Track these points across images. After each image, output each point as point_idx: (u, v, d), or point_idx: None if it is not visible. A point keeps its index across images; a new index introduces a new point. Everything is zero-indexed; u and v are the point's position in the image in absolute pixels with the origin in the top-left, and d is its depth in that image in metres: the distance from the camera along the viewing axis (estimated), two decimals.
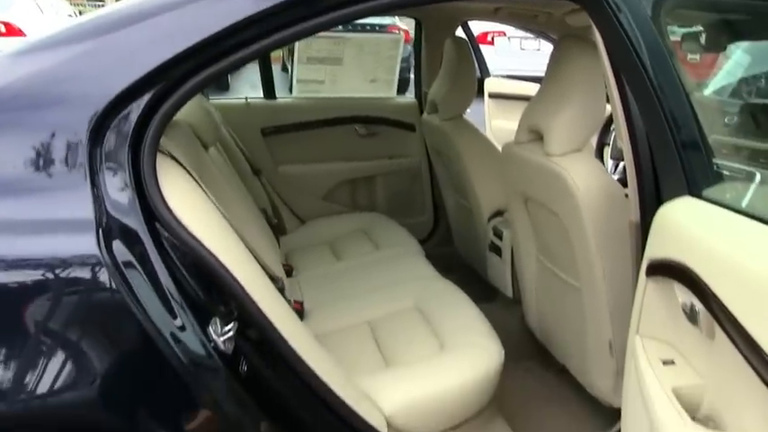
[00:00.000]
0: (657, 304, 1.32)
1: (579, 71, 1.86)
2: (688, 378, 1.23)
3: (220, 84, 7.78)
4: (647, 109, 1.38)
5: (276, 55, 8.12)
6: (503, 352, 1.90)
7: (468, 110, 2.98)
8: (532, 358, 2.44)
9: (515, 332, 2.54)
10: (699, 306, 1.13)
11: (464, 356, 1.86)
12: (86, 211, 1.19)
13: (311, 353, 1.47)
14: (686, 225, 1.23)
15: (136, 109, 1.24)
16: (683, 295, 1.19)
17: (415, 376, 1.80)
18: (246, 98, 3.53)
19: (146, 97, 1.24)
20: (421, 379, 1.79)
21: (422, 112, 3.42)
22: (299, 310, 2.24)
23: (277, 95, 3.54)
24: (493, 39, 9.95)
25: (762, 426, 1.02)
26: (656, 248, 1.30)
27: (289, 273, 2.65)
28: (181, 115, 1.80)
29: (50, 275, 1.18)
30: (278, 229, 3.13)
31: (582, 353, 2.03)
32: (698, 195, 1.27)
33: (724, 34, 2.08)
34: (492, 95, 4.13)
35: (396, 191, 3.66)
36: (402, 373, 1.83)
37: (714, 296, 1.06)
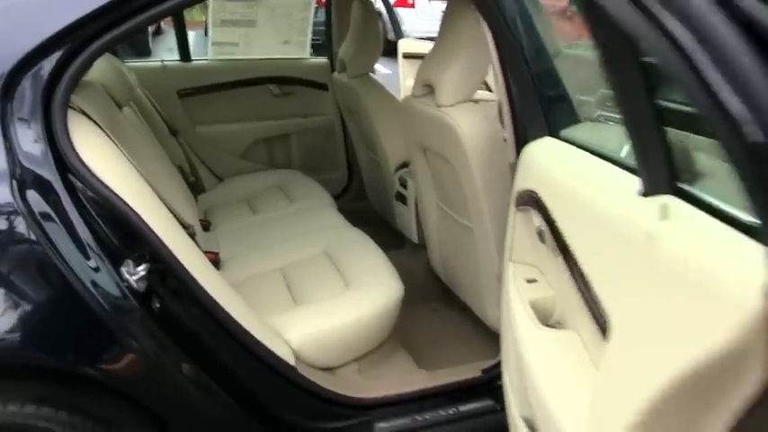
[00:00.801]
0: (524, 232, 1.50)
1: (465, 29, 2.00)
2: (543, 291, 1.42)
3: (141, 48, 7.65)
4: (517, 68, 1.56)
5: (199, 19, 7.99)
6: (402, 288, 2.05)
7: (389, 71, 3.07)
8: (438, 299, 2.61)
9: (422, 275, 2.69)
10: (545, 227, 1.31)
11: (365, 294, 2.02)
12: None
13: (223, 293, 1.59)
14: (539, 159, 1.41)
15: (47, 66, 1.30)
16: (537, 220, 1.37)
17: (319, 312, 1.95)
18: (162, 61, 3.56)
19: (56, 55, 1.31)
20: (325, 315, 1.93)
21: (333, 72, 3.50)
22: (215, 261, 2.33)
23: (193, 58, 3.57)
24: (414, 1, 9.95)
25: (586, 321, 1.20)
26: (520, 182, 1.48)
27: (206, 227, 2.73)
28: (93, 75, 1.85)
29: None
30: (196, 188, 3.19)
31: (478, 288, 2.19)
32: (556, 136, 1.45)
33: None
34: (406, 56, 4.23)
35: (310, 148, 3.74)
36: (308, 310, 1.98)
37: (550, 217, 1.24)
